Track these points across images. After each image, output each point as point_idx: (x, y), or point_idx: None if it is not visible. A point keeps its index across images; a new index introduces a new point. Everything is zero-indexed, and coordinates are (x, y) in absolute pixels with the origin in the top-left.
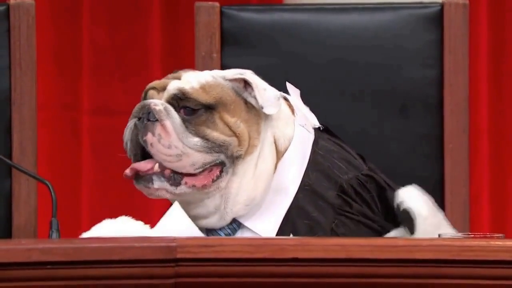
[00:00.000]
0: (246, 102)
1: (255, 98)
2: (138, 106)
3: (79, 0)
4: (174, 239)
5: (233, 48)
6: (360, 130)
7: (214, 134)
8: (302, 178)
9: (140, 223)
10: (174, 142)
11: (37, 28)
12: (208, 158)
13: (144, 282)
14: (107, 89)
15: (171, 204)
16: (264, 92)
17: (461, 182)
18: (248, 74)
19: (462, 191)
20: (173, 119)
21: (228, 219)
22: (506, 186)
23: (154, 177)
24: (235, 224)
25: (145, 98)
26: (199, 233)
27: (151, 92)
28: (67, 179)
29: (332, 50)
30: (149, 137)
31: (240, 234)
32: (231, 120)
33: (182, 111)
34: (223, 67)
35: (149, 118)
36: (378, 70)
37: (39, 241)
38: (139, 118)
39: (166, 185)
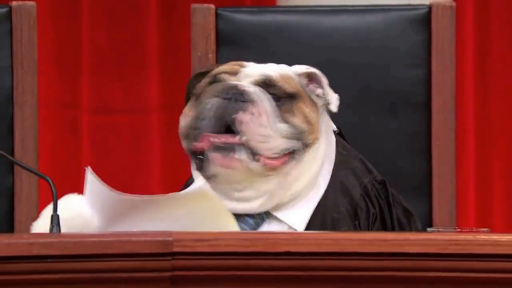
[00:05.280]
0: (309, 97)
1: (319, 95)
2: (222, 86)
3: (79, 2)
4: (170, 234)
5: (228, 48)
6: (350, 128)
7: (297, 121)
8: (332, 174)
9: (81, 196)
10: (265, 123)
11: (38, 29)
12: (287, 144)
13: (141, 275)
14: (106, 88)
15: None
16: (330, 89)
17: (448, 178)
18: (317, 70)
19: (449, 187)
20: (265, 102)
21: (272, 205)
22: (492, 182)
23: (237, 147)
24: (264, 214)
25: (215, 81)
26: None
27: (225, 75)
28: (67, 176)
29: (323, 51)
30: (242, 115)
31: (267, 225)
32: (306, 109)
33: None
34: None
35: (238, 98)
36: (368, 70)
37: (40, 235)
38: (227, 98)
39: (244, 157)
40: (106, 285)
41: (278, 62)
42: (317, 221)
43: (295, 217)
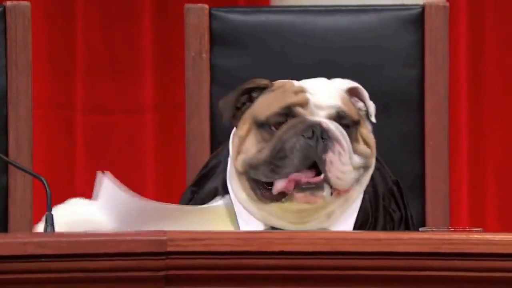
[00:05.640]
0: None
1: (360, 108)
2: (304, 125)
3: (73, 2)
4: (164, 233)
5: (222, 48)
6: None
7: (362, 148)
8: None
9: (88, 201)
10: (347, 161)
11: (33, 29)
12: (358, 174)
13: (135, 274)
14: (101, 88)
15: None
16: (370, 102)
17: (441, 178)
18: (355, 83)
19: (442, 187)
20: (345, 138)
21: (328, 224)
22: (485, 182)
23: (325, 185)
24: None
25: (290, 114)
26: (136, 201)
27: (299, 109)
28: (61, 175)
29: (317, 51)
30: (331, 155)
31: None
32: (365, 133)
33: None
34: (212, 66)
35: (323, 136)
36: (361, 70)
37: (34, 235)
38: (310, 137)
39: (328, 193)
40: (101, 284)
41: (271, 63)
42: (355, 228)
43: (343, 227)
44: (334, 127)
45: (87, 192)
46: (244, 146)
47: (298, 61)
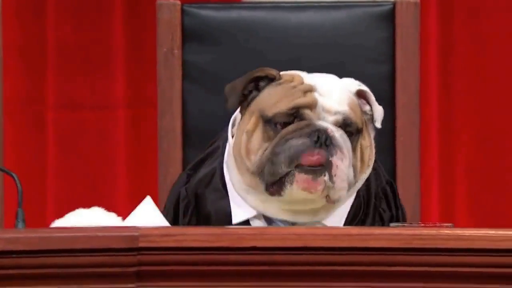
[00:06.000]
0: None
1: (366, 111)
2: (309, 127)
3: None
4: (136, 229)
5: (194, 44)
6: None
7: (354, 161)
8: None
9: (113, 214)
10: (347, 169)
11: (3, 25)
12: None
13: (107, 270)
14: (72, 84)
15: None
16: (377, 107)
17: (411, 174)
18: (364, 86)
19: (412, 182)
20: (348, 148)
21: (315, 219)
22: (455, 178)
23: (326, 172)
24: None
25: (297, 115)
26: (166, 224)
27: (307, 112)
28: (32, 171)
29: (289, 47)
30: (335, 159)
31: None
32: (364, 144)
33: None
34: (184, 62)
35: (326, 142)
36: (332, 66)
37: (5, 231)
38: (316, 142)
39: (328, 179)
40: (72, 280)
41: (243, 59)
42: (346, 223)
43: (334, 220)
44: (339, 135)
45: (58, 187)
46: (251, 143)
47: (270, 57)
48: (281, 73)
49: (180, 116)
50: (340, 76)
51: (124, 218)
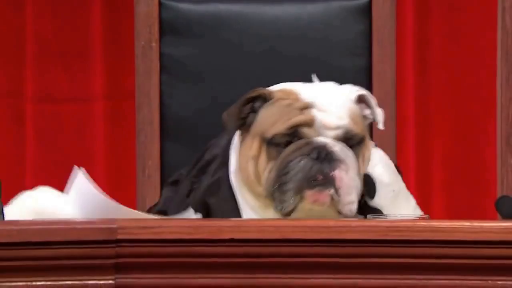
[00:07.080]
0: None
1: (367, 115)
2: (310, 147)
3: None
4: (115, 221)
5: (172, 37)
6: None
7: (362, 170)
8: None
9: (57, 192)
10: (355, 176)
11: None
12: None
13: (85, 262)
14: (50, 77)
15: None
16: (378, 110)
17: None
18: (363, 90)
19: None
20: (351, 158)
21: None
22: (431, 171)
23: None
24: None
25: (296, 135)
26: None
27: (305, 130)
28: (11, 165)
29: (266, 40)
30: (338, 172)
31: None
32: (365, 154)
33: None
34: (162, 55)
35: (327, 158)
36: (309, 60)
37: None
38: (316, 159)
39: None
40: (50, 272)
41: (221, 52)
42: None
43: None
44: (339, 148)
45: (37, 181)
46: (259, 167)
47: (248, 50)
48: (276, 87)
49: (158, 109)
50: (317, 70)
51: None
